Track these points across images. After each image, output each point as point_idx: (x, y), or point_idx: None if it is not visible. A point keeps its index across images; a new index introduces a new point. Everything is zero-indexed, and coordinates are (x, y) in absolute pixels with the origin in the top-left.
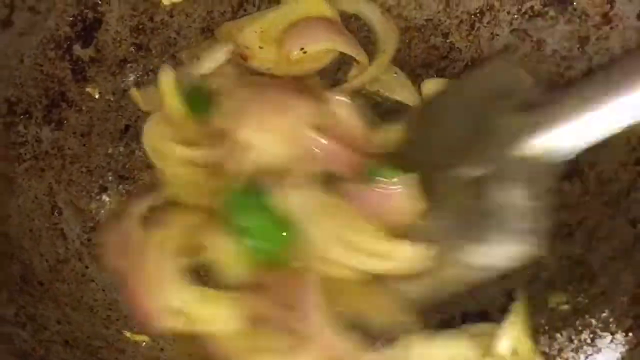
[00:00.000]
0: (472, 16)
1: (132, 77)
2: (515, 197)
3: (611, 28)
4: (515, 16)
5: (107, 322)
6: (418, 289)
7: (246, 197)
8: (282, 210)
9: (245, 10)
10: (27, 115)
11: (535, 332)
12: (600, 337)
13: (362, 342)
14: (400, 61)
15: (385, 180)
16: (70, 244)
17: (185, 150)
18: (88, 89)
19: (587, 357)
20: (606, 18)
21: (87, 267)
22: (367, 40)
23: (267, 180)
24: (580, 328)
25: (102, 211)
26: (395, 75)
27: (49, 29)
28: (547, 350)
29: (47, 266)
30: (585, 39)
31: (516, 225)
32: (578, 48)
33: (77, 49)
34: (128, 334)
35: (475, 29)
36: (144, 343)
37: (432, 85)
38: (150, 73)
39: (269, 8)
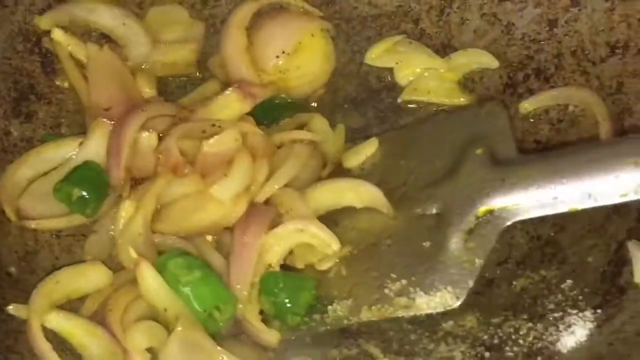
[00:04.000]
0: (442, 1)
1: None
2: (460, 248)
3: (579, 10)
4: (485, 0)
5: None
6: None
7: None
8: None
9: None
10: None
11: (504, 311)
12: (569, 314)
13: None
14: None
15: None
16: (40, 236)
17: None
18: (57, 82)
19: (556, 334)
20: (575, 0)
21: (57, 259)
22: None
23: None
24: (550, 306)
25: None
26: None
27: (17, 22)
28: (517, 327)
29: (16, 257)
30: (554, 22)
31: (455, 275)
32: (547, 31)
33: (46, 41)
34: None
35: (445, 14)
36: None
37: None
38: None
39: None
